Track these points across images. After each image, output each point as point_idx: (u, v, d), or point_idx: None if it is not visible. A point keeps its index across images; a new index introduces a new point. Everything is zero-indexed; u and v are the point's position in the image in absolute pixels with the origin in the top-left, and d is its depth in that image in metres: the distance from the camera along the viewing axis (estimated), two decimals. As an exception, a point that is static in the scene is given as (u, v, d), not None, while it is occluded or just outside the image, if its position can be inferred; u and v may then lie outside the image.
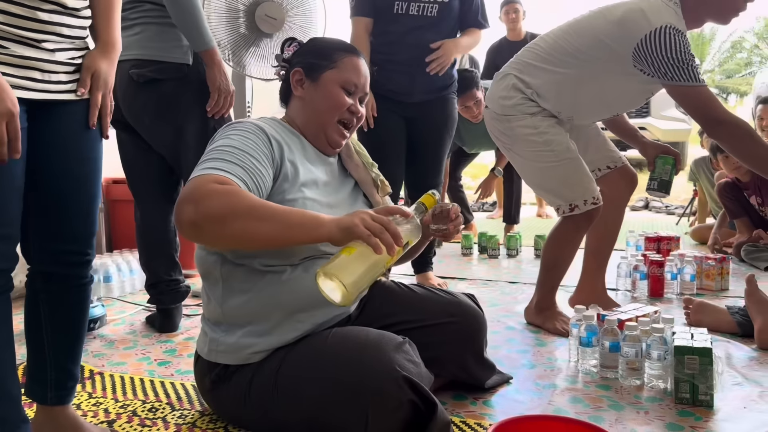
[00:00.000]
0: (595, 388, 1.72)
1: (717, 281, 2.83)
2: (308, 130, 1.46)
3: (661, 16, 1.87)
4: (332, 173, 1.50)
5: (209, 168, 1.19)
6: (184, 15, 1.82)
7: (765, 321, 2.04)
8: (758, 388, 1.71)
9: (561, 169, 2.10)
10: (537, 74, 2.09)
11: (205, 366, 1.41)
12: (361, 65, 1.46)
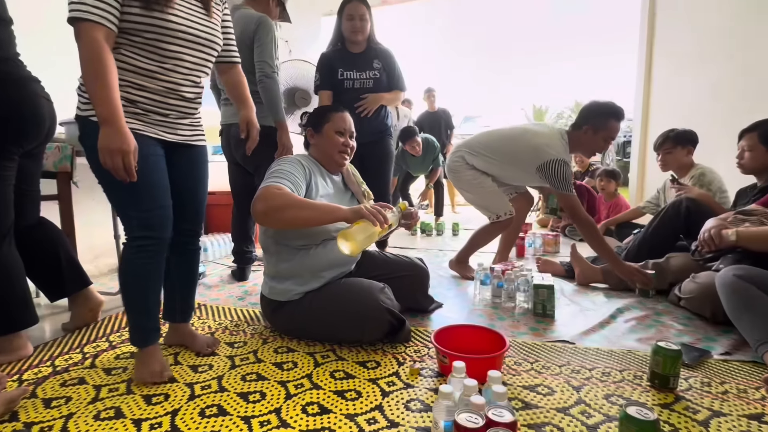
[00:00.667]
0: (490, 309, 1.81)
1: (553, 247, 2.94)
2: (323, 161, 1.51)
3: (558, 152, 2.00)
4: (338, 188, 1.54)
5: (271, 181, 1.28)
6: (270, 100, 1.91)
7: (581, 269, 2.14)
8: (579, 306, 1.83)
9: (489, 197, 2.24)
10: (477, 157, 2.19)
11: (266, 301, 1.49)
12: (346, 116, 1.50)
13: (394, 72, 2.26)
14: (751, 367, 1.23)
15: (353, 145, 1.52)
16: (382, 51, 2.27)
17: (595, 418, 0.99)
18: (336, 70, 2.20)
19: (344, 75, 2.20)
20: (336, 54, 2.26)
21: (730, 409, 1.02)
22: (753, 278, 1.31)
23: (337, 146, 1.46)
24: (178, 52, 1.11)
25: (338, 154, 1.48)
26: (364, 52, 2.23)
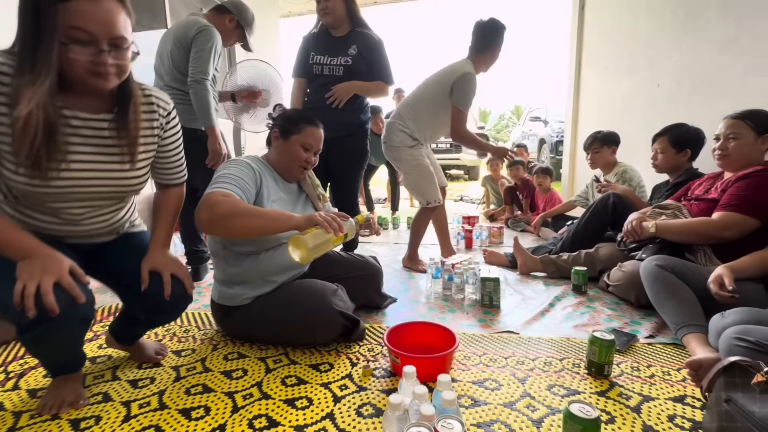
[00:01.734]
0: (441, 301, 1.75)
1: (498, 239, 2.94)
2: (278, 168, 1.34)
3: (468, 69, 2.01)
4: (290, 191, 1.38)
5: (216, 187, 1.11)
6: (199, 106, 1.72)
7: (523, 260, 2.13)
8: (521, 295, 1.81)
9: (424, 181, 2.13)
10: (408, 120, 2.09)
11: (216, 306, 1.33)
12: (317, 132, 1.32)
13: (377, 62, 1.91)
14: (672, 349, 1.25)
15: (315, 161, 1.36)
16: (365, 37, 1.91)
17: (539, 411, 0.94)
18: (309, 53, 1.92)
19: (314, 59, 1.90)
20: (314, 36, 1.96)
21: (658, 392, 1.01)
22: (672, 267, 1.34)
23: (299, 161, 1.30)
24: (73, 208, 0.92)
25: (297, 168, 1.32)
26: (344, 37, 1.91)
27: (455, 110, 2.01)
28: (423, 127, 2.09)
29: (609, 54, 3.17)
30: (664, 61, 2.39)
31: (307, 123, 1.31)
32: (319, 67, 1.90)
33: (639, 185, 2.34)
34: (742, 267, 1.23)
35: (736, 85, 1.83)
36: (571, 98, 3.85)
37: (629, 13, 2.84)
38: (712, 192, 1.58)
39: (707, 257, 1.50)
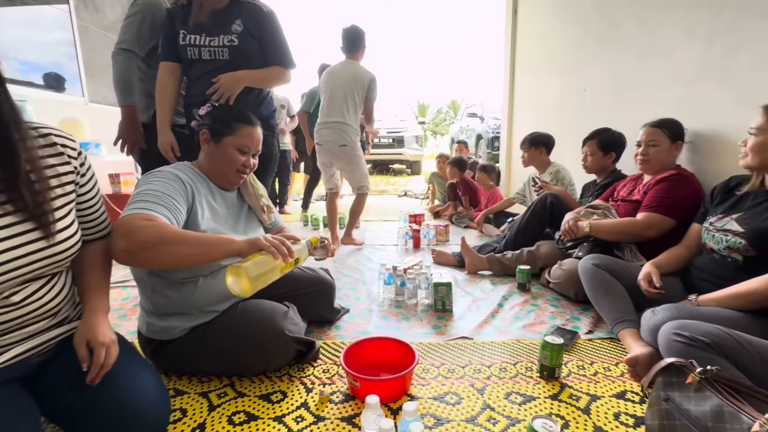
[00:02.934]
0: (394, 308, 1.73)
1: (445, 236, 3.00)
2: (212, 176, 1.19)
3: (367, 71, 2.56)
4: (231, 203, 1.24)
5: (137, 208, 0.92)
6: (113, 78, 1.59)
7: (470, 259, 2.19)
8: (472, 297, 1.84)
9: (365, 170, 2.68)
10: (354, 121, 2.57)
11: (144, 339, 1.15)
12: (255, 132, 1.18)
13: (270, 40, 1.51)
14: (609, 343, 1.36)
15: (254, 164, 1.22)
16: (252, 9, 1.48)
17: (500, 423, 0.96)
18: (178, 32, 1.47)
19: (188, 40, 1.46)
20: (184, 9, 1.50)
21: (603, 390, 1.09)
22: (607, 266, 1.45)
23: (235, 165, 1.16)
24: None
25: (234, 174, 1.17)
26: (224, 10, 1.47)
27: (371, 102, 2.60)
28: (357, 123, 2.59)
29: (541, 57, 3.36)
30: (590, 68, 2.59)
31: (242, 122, 1.16)
32: (195, 50, 1.47)
33: (570, 184, 2.53)
34: (664, 263, 1.37)
35: (651, 94, 2.03)
36: (506, 97, 4.04)
37: (559, 18, 3.02)
38: (635, 194, 1.74)
39: (633, 254, 1.65)
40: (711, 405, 0.77)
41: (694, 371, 0.81)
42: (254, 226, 1.29)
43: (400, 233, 2.86)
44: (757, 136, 1.14)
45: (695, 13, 1.72)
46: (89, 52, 3.32)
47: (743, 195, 1.23)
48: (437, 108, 21.36)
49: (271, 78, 1.57)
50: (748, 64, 1.48)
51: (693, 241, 1.35)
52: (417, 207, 4.75)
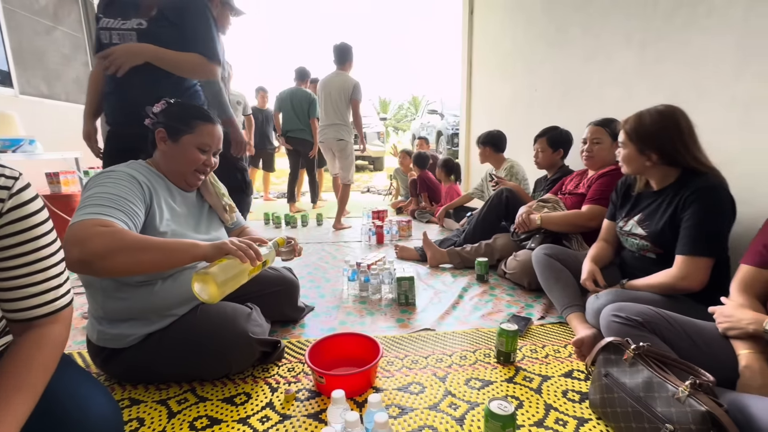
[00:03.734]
0: (359, 304, 1.74)
1: (407, 232, 3.05)
2: (170, 176, 1.13)
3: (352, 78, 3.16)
4: (191, 203, 1.20)
5: (90, 213, 0.86)
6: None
7: (432, 253, 2.25)
8: (434, 290, 1.89)
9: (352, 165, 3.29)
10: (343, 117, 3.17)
11: (95, 348, 1.08)
12: (215, 130, 1.14)
13: (193, 28, 1.37)
14: (559, 327, 1.46)
15: (215, 162, 1.17)
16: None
17: (461, 408, 1.01)
18: (99, 17, 1.39)
19: (103, 23, 1.36)
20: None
21: (552, 371, 1.17)
22: (557, 255, 1.55)
23: (195, 164, 1.11)
24: None
25: (192, 174, 1.13)
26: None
27: (356, 102, 3.15)
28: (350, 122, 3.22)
29: (496, 58, 3.49)
30: (541, 69, 2.73)
31: (201, 119, 1.11)
32: (107, 33, 1.34)
33: (523, 179, 2.67)
34: (598, 258, 1.46)
35: (595, 95, 2.18)
36: (464, 95, 4.16)
37: (511, 21, 3.16)
38: (580, 187, 1.88)
39: (579, 243, 1.78)
40: (643, 377, 0.86)
41: (629, 348, 0.91)
42: (216, 226, 1.26)
43: (363, 229, 2.88)
44: (623, 149, 1.27)
45: (631, 22, 1.87)
46: (18, 39, 3.02)
47: (637, 195, 1.35)
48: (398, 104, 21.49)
49: (186, 64, 1.37)
50: (674, 69, 1.64)
51: (610, 236, 1.46)
52: (380, 203, 4.78)
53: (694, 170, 1.18)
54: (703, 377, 0.80)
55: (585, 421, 0.96)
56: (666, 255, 1.20)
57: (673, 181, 1.22)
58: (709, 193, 1.11)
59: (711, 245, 1.10)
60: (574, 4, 2.31)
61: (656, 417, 0.79)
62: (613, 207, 1.47)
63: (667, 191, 1.23)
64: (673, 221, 1.17)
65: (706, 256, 1.10)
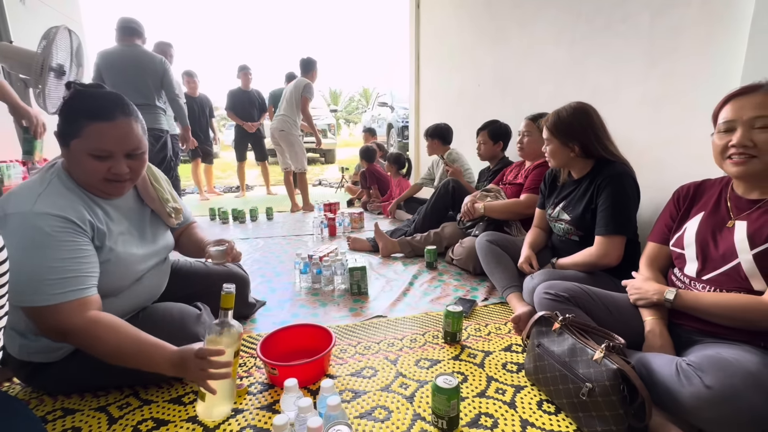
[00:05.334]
0: (311, 296, 1.75)
1: (359, 224, 3.08)
2: (85, 188, 0.94)
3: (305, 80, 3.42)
4: (129, 209, 1.06)
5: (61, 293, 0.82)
6: None
7: (384, 244, 2.30)
8: (385, 279, 1.93)
9: (302, 153, 3.61)
10: (289, 110, 3.46)
11: (17, 363, 0.99)
12: (114, 128, 0.89)
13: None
14: (500, 307, 1.58)
15: (138, 166, 0.96)
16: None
17: (411, 387, 1.07)
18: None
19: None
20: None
21: (494, 347, 1.27)
22: (498, 241, 1.67)
23: (93, 176, 0.90)
24: None
25: (105, 185, 0.92)
26: None
27: (305, 99, 3.50)
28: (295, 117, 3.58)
29: (441, 52, 3.60)
30: (483, 65, 2.87)
31: (88, 117, 0.86)
32: None
33: (465, 167, 2.80)
34: (534, 243, 1.59)
35: (532, 90, 2.34)
36: (413, 88, 4.24)
37: (456, 17, 3.26)
38: (519, 177, 2.02)
39: (518, 229, 1.92)
40: (568, 344, 0.96)
41: (557, 320, 1.01)
42: (162, 231, 1.17)
43: (315, 222, 2.87)
44: (549, 145, 1.41)
45: (560, 22, 2.02)
46: None
47: (562, 185, 1.50)
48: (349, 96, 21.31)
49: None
50: (596, 68, 1.81)
51: (542, 223, 1.60)
52: (332, 196, 4.76)
53: (605, 160, 1.33)
54: (616, 341, 0.92)
55: (521, 389, 1.06)
56: (586, 237, 1.35)
57: (589, 170, 1.37)
58: (617, 180, 1.26)
59: (623, 225, 1.25)
60: (510, 3, 2.45)
61: (578, 378, 0.90)
62: (542, 196, 1.60)
63: (584, 179, 1.38)
64: (590, 205, 1.32)
65: (620, 234, 1.26)
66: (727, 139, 0.90)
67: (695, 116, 1.36)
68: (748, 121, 0.86)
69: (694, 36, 1.36)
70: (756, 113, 0.85)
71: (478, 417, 0.95)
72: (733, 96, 0.91)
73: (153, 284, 1.12)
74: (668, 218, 1.10)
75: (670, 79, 1.46)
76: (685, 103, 1.41)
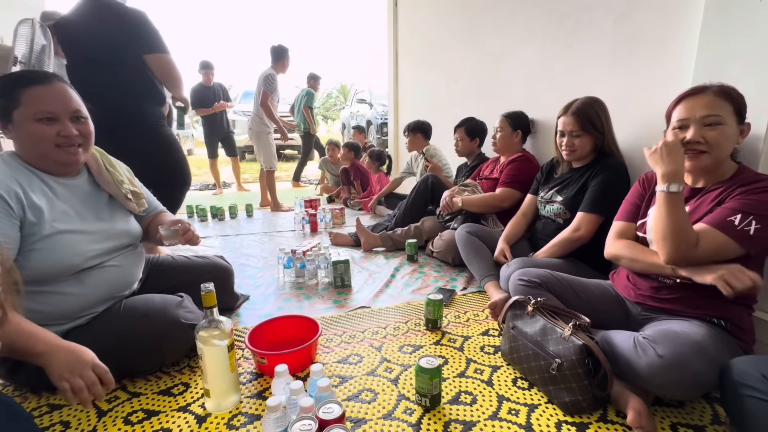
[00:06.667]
0: (296, 290, 1.77)
1: (341, 219, 3.10)
2: (35, 164, 0.97)
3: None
4: (82, 192, 1.06)
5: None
6: None
7: (365, 238, 2.34)
8: (368, 272, 1.98)
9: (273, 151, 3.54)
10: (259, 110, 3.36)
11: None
12: (50, 90, 0.93)
13: None
14: (478, 295, 1.66)
15: (87, 130, 0.99)
16: None
17: (395, 371, 1.12)
18: None
19: None
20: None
21: (472, 332, 1.35)
22: (476, 233, 1.75)
23: (44, 141, 0.92)
24: None
25: (56, 152, 0.94)
26: None
27: (265, 95, 3.39)
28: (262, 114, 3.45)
29: (419, 50, 3.65)
30: (460, 64, 2.95)
31: (24, 85, 0.91)
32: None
33: (442, 162, 2.88)
34: (512, 235, 1.69)
35: (506, 89, 2.43)
36: (391, 85, 4.29)
37: (433, 16, 3.33)
38: (494, 172, 2.11)
39: (494, 222, 2.01)
40: (539, 325, 1.05)
41: (530, 303, 1.09)
42: (121, 215, 1.15)
43: (296, 219, 2.88)
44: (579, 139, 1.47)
45: (531, 25, 2.12)
46: None
47: (561, 173, 1.61)
48: (327, 92, 21.13)
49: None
50: (565, 68, 1.91)
51: (529, 209, 1.70)
52: (312, 192, 4.75)
53: (605, 152, 1.46)
54: (582, 320, 1.00)
55: (498, 368, 1.13)
56: (569, 220, 1.47)
57: (590, 161, 1.50)
58: (613, 169, 1.41)
59: (604, 206, 1.36)
60: (486, 3, 2.53)
61: (549, 354, 0.98)
62: (536, 183, 1.72)
63: (583, 168, 1.51)
64: (584, 189, 1.45)
65: (597, 213, 1.38)
66: (682, 136, 0.99)
67: (653, 114, 1.47)
68: (700, 119, 0.96)
69: (652, 40, 1.47)
70: (705, 112, 0.95)
71: (459, 395, 1.02)
72: (685, 96, 1.01)
73: (122, 272, 1.09)
74: (635, 198, 1.18)
75: (632, 78, 1.57)
76: (645, 102, 1.52)
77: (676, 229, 0.91)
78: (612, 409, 0.96)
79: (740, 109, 0.96)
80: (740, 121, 0.97)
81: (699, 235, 0.90)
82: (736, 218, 0.89)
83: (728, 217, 0.90)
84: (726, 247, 0.89)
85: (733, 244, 0.88)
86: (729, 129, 0.95)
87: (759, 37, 1.09)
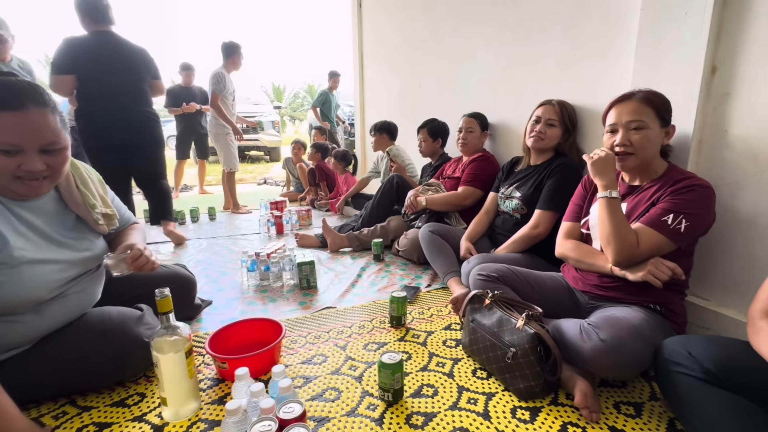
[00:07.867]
0: (260, 293, 1.75)
1: (307, 221, 3.08)
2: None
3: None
4: (47, 213, 0.96)
5: None
6: None
7: (332, 239, 2.34)
8: (334, 272, 1.99)
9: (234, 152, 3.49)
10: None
11: None
12: (19, 120, 0.80)
13: None
14: (442, 292, 1.71)
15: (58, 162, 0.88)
16: None
17: (359, 368, 1.14)
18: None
19: None
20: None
21: (435, 327, 1.39)
22: (439, 231, 1.79)
23: (4, 173, 0.81)
24: None
25: (14, 183, 0.83)
26: None
27: (214, 95, 3.29)
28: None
29: (384, 52, 3.69)
30: (424, 65, 3.00)
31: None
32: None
33: (406, 162, 2.93)
34: (475, 233, 1.75)
35: (467, 91, 2.51)
36: (357, 86, 4.30)
37: (396, 18, 3.37)
38: (456, 172, 2.17)
39: (457, 220, 2.07)
40: (496, 317, 1.10)
41: (488, 297, 1.14)
42: (88, 238, 1.05)
43: (261, 221, 2.82)
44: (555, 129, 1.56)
45: (488, 30, 2.20)
46: None
47: (520, 170, 1.69)
48: (294, 92, 20.81)
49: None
50: (520, 75, 2.00)
51: (491, 206, 1.78)
52: (278, 194, 4.67)
53: (563, 153, 1.57)
54: (535, 310, 1.06)
55: (458, 360, 1.18)
56: (527, 216, 1.55)
57: (549, 158, 1.60)
58: (567, 168, 1.50)
59: (560, 204, 1.43)
60: (446, 7, 2.60)
61: (504, 344, 1.03)
62: (498, 181, 1.80)
63: (541, 167, 1.59)
64: (540, 186, 1.54)
65: (553, 210, 1.47)
66: (613, 139, 1.08)
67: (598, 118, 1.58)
68: (626, 124, 1.05)
69: (595, 46, 1.57)
70: (630, 117, 1.05)
71: (421, 388, 1.05)
72: (615, 103, 1.11)
73: (83, 297, 1.02)
74: (578, 199, 1.28)
75: (579, 82, 1.67)
76: (590, 104, 1.63)
77: (618, 228, 1.00)
78: (562, 392, 1.02)
79: (663, 113, 1.06)
80: (664, 124, 1.06)
81: (638, 234, 0.99)
82: (668, 218, 0.98)
83: (662, 217, 0.99)
84: (662, 244, 0.98)
85: (668, 241, 0.97)
86: (652, 132, 1.04)
87: (686, 46, 1.20)
